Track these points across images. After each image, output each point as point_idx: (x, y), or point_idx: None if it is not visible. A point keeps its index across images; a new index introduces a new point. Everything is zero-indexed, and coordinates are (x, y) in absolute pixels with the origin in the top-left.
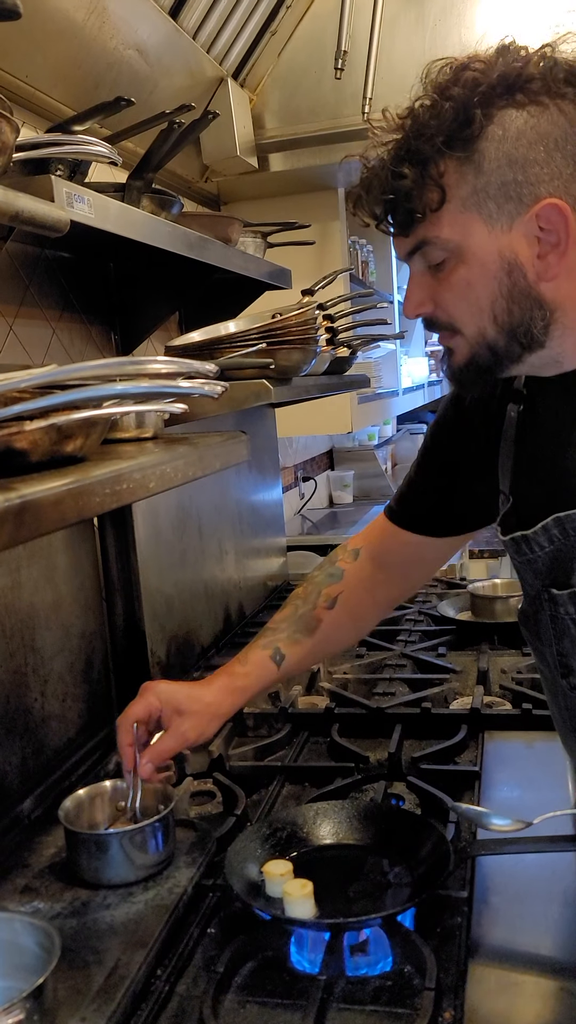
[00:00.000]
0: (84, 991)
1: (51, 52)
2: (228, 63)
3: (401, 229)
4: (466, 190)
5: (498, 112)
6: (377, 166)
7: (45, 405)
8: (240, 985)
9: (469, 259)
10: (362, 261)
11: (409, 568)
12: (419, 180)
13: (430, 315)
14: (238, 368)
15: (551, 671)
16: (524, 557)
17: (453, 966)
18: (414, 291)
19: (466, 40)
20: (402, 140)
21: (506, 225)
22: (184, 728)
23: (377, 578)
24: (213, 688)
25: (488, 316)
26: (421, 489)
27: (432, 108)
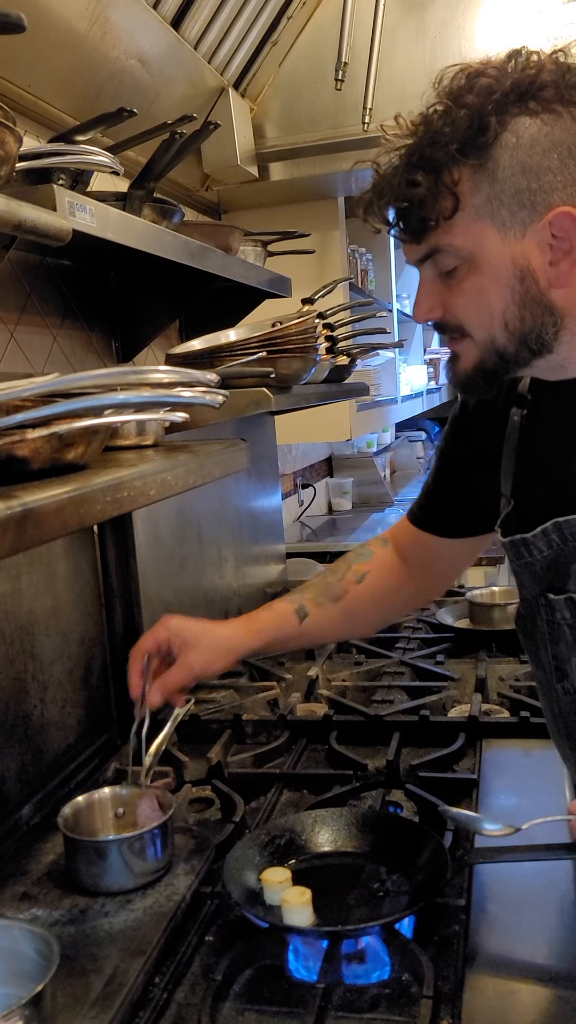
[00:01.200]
0: (82, 998)
1: (54, 62)
2: (229, 73)
3: (413, 236)
4: (480, 198)
5: (512, 119)
6: (390, 173)
7: (47, 414)
8: (238, 993)
9: (482, 267)
10: (361, 270)
11: (430, 566)
12: (433, 187)
13: (440, 320)
14: (238, 377)
15: (546, 676)
16: (522, 560)
17: (451, 974)
18: (424, 297)
19: (465, 51)
20: (415, 147)
21: (519, 233)
22: (191, 659)
23: (402, 569)
24: (230, 625)
25: (499, 323)
26: (435, 491)
27: (446, 115)
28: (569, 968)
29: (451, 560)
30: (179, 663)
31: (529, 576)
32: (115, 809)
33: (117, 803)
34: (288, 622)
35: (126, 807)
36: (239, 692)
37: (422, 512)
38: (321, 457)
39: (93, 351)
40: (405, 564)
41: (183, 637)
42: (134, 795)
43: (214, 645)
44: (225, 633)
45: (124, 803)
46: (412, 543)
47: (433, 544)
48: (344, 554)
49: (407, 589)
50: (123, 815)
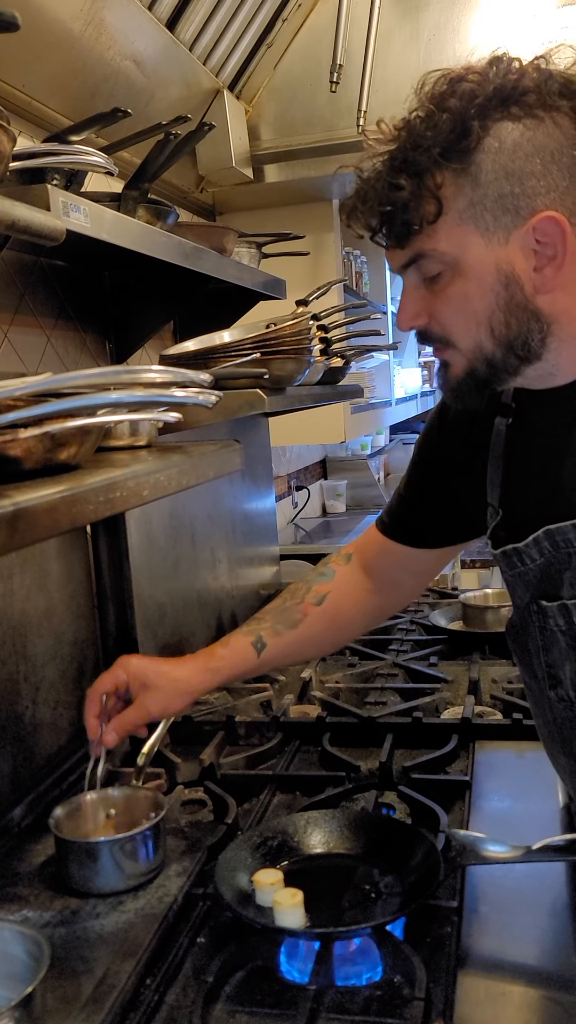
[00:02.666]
0: (73, 1000)
1: (48, 62)
2: (224, 75)
3: (396, 241)
4: (463, 202)
5: (494, 124)
6: (372, 177)
7: (40, 413)
8: (230, 994)
9: (466, 272)
10: (356, 272)
11: (397, 579)
12: (416, 192)
13: (424, 328)
14: (232, 378)
15: (538, 684)
16: (515, 570)
17: (443, 976)
18: (408, 304)
19: (460, 54)
20: (398, 151)
21: (503, 238)
22: (148, 701)
23: (366, 585)
24: (186, 666)
25: (485, 329)
26: (408, 501)
27: (428, 119)
28: (560, 970)
29: (419, 571)
30: (136, 705)
31: (522, 585)
32: (107, 811)
33: (109, 804)
34: (246, 657)
35: (118, 808)
36: (232, 694)
37: (393, 522)
38: (315, 459)
39: (87, 352)
40: (369, 579)
41: (141, 679)
42: (126, 796)
43: (171, 688)
44: (182, 675)
45: (116, 804)
46: (380, 554)
47: (403, 555)
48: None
49: (369, 604)
50: (115, 816)
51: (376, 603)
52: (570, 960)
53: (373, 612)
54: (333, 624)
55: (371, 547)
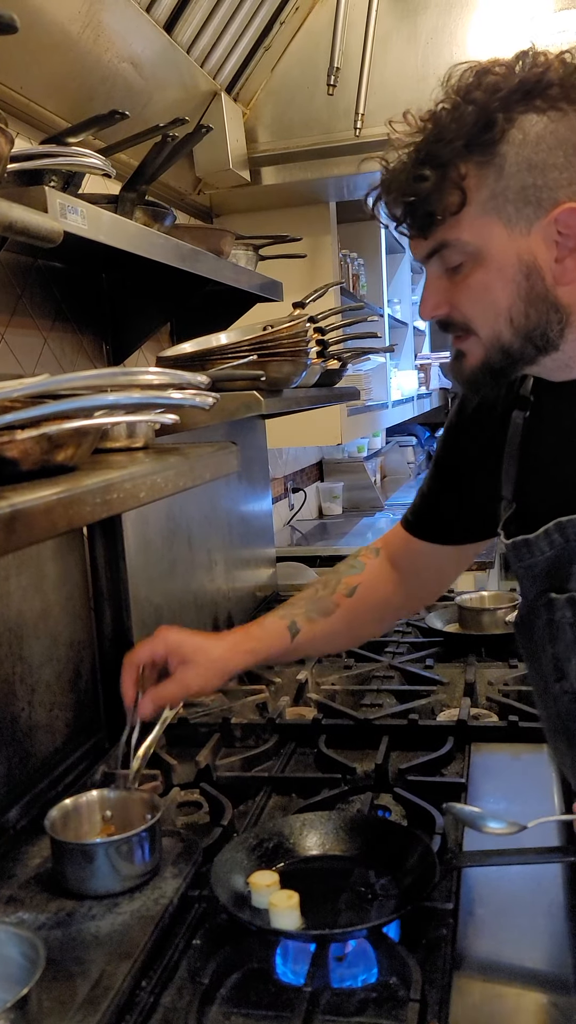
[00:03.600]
0: (68, 1002)
1: (46, 64)
2: (222, 77)
3: (420, 231)
4: (486, 193)
5: (518, 116)
6: (398, 168)
7: (37, 415)
8: (225, 997)
9: (488, 262)
10: (353, 274)
11: (422, 575)
12: (440, 183)
13: (446, 317)
14: (229, 380)
15: (543, 676)
16: (525, 562)
17: (438, 978)
18: (431, 293)
19: (457, 57)
20: (423, 143)
21: (525, 229)
22: (188, 677)
23: (393, 579)
24: (224, 644)
25: (505, 319)
26: (429, 499)
27: (453, 111)
28: (556, 972)
29: (444, 568)
30: (175, 679)
31: (531, 577)
32: (103, 812)
33: (105, 806)
34: (281, 639)
35: (114, 810)
36: (228, 696)
37: (416, 519)
38: (312, 461)
39: (84, 353)
40: (396, 573)
41: (180, 655)
42: (122, 798)
43: (209, 666)
44: (219, 653)
45: (112, 806)
46: (405, 551)
47: (427, 552)
48: (336, 564)
49: (398, 598)
50: (111, 818)
51: (402, 598)
52: (566, 962)
53: (399, 607)
54: (362, 616)
55: (397, 543)
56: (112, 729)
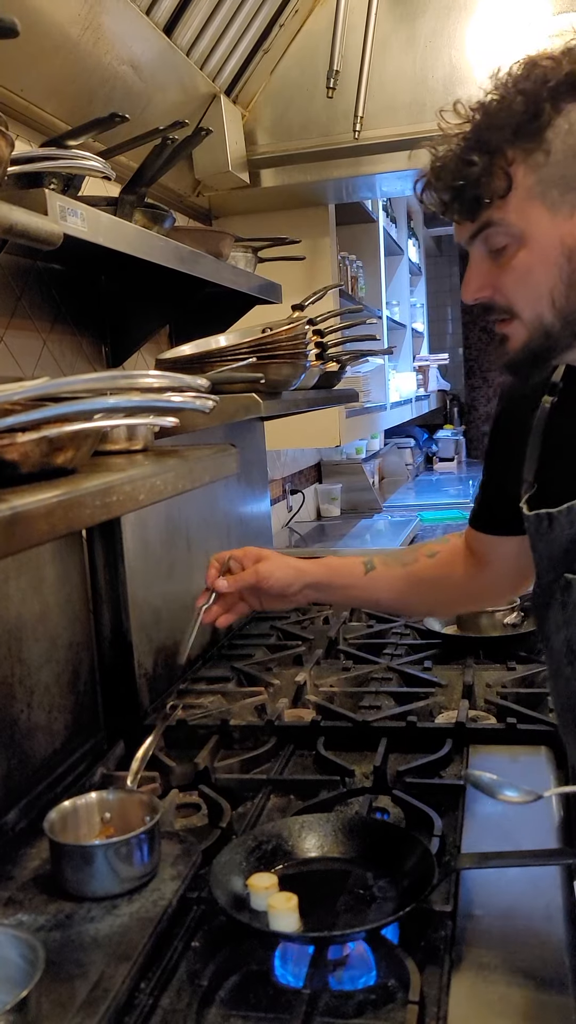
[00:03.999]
0: (68, 1004)
1: (46, 67)
2: (221, 80)
3: (467, 214)
4: (532, 179)
5: (565, 107)
6: (447, 155)
7: (37, 418)
8: (224, 999)
9: (531, 245)
10: (351, 277)
11: (496, 567)
12: (488, 167)
13: (488, 300)
14: (228, 382)
15: (557, 658)
16: (545, 536)
17: (436, 980)
18: (474, 276)
19: (456, 61)
20: (473, 130)
21: (568, 213)
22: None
23: (471, 561)
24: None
25: (547, 301)
26: (483, 491)
27: (502, 101)
28: (555, 974)
29: (512, 559)
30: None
31: (548, 555)
32: (102, 814)
33: (104, 808)
34: (354, 569)
35: (113, 812)
36: (226, 697)
37: (475, 512)
38: (310, 463)
39: (83, 355)
40: (475, 560)
41: (257, 554)
42: (121, 800)
43: (283, 562)
44: (295, 560)
45: (111, 808)
46: (473, 543)
47: (492, 544)
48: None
49: (475, 579)
50: (110, 820)
51: (480, 581)
52: (564, 964)
53: (473, 591)
54: (440, 579)
55: (468, 536)
56: (111, 731)
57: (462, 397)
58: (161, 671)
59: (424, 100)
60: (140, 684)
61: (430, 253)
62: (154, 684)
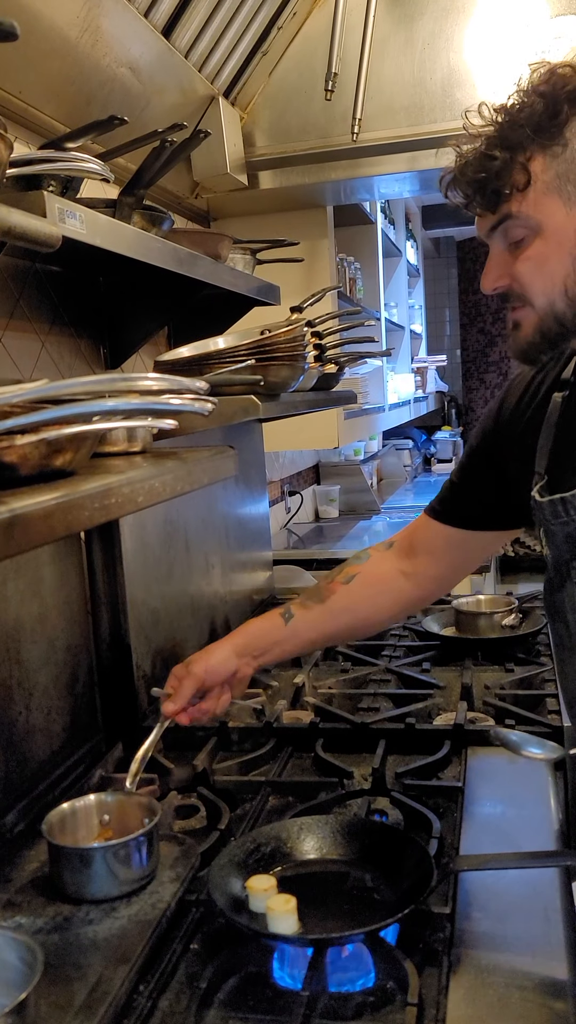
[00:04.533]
0: (66, 1007)
1: (44, 69)
2: (220, 82)
3: (489, 206)
4: (550, 174)
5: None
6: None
7: (36, 420)
8: (223, 1001)
9: (547, 236)
10: (350, 279)
11: (436, 565)
12: (508, 163)
13: (505, 288)
14: (227, 384)
15: (569, 641)
16: (559, 520)
17: (435, 982)
18: (493, 267)
19: (454, 63)
20: (496, 129)
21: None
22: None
23: (401, 568)
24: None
25: (560, 289)
26: (459, 486)
27: (523, 102)
28: (553, 976)
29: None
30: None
31: (563, 538)
32: (100, 816)
33: (102, 810)
34: (274, 624)
35: (111, 814)
36: None
37: (443, 506)
38: (308, 465)
39: (82, 357)
40: (406, 563)
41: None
42: (119, 802)
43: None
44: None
45: (109, 810)
46: (425, 539)
47: (448, 538)
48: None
49: (399, 589)
50: (108, 822)
51: (407, 589)
52: (562, 966)
53: (403, 598)
54: (358, 603)
55: (417, 533)
56: (109, 732)
57: (460, 399)
58: (160, 673)
59: (422, 102)
60: (139, 686)
61: (428, 255)
62: (152, 686)
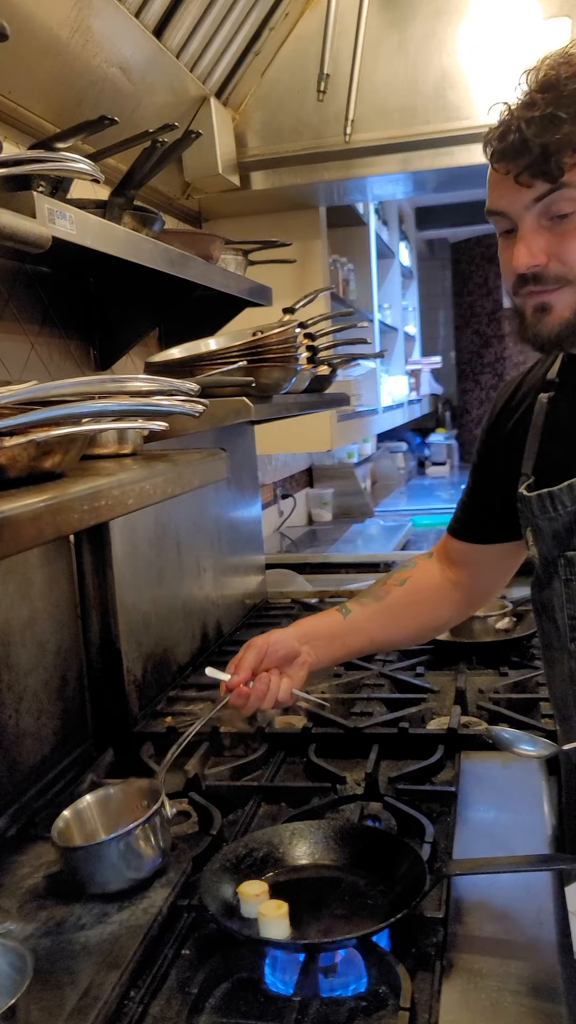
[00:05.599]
0: (57, 1012)
1: (35, 69)
2: (211, 82)
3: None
4: None
5: None
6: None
7: (25, 421)
8: (214, 1006)
9: None
10: (342, 280)
11: (476, 576)
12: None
13: (542, 267)
14: (218, 386)
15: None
16: (547, 515)
17: (428, 986)
18: (531, 242)
19: (447, 65)
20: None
21: None
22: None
23: (448, 576)
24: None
25: None
26: (466, 502)
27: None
28: (545, 980)
29: (491, 568)
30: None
31: (551, 534)
32: (105, 810)
33: (107, 804)
34: (334, 618)
35: (117, 806)
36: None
37: (457, 524)
38: (301, 467)
39: (71, 359)
40: (450, 571)
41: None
42: (120, 792)
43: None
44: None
45: (113, 802)
46: (452, 553)
47: (470, 553)
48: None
49: (451, 595)
50: (114, 814)
51: (457, 597)
52: (555, 970)
53: (455, 603)
54: (414, 605)
55: (447, 548)
56: (100, 737)
57: (454, 401)
58: (151, 677)
59: (415, 104)
60: (129, 690)
61: (422, 256)
62: (143, 691)
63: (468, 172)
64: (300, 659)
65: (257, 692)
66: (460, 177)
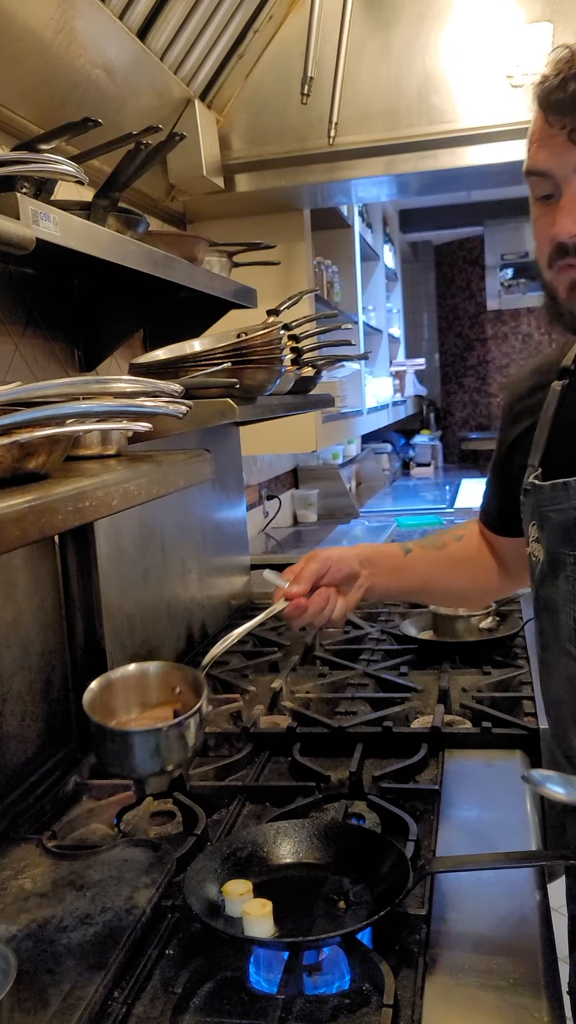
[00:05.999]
0: (40, 1012)
1: (18, 70)
2: (196, 84)
3: None
4: None
5: None
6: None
7: (8, 423)
8: (198, 1006)
9: None
10: (327, 282)
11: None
12: None
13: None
14: (203, 387)
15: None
16: (558, 506)
17: (411, 983)
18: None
19: (430, 68)
20: None
21: None
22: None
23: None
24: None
25: None
26: (488, 493)
27: None
28: (528, 976)
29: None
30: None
31: (559, 527)
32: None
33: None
34: (395, 551)
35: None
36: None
37: (485, 515)
38: (286, 468)
39: (56, 360)
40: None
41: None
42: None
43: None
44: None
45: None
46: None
47: (497, 542)
48: None
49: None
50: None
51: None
52: (538, 966)
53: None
54: (468, 562)
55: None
56: (84, 739)
57: (439, 403)
58: None
59: (398, 107)
60: None
61: (406, 259)
62: None
63: (451, 175)
64: (359, 581)
65: (315, 606)
66: (443, 180)
